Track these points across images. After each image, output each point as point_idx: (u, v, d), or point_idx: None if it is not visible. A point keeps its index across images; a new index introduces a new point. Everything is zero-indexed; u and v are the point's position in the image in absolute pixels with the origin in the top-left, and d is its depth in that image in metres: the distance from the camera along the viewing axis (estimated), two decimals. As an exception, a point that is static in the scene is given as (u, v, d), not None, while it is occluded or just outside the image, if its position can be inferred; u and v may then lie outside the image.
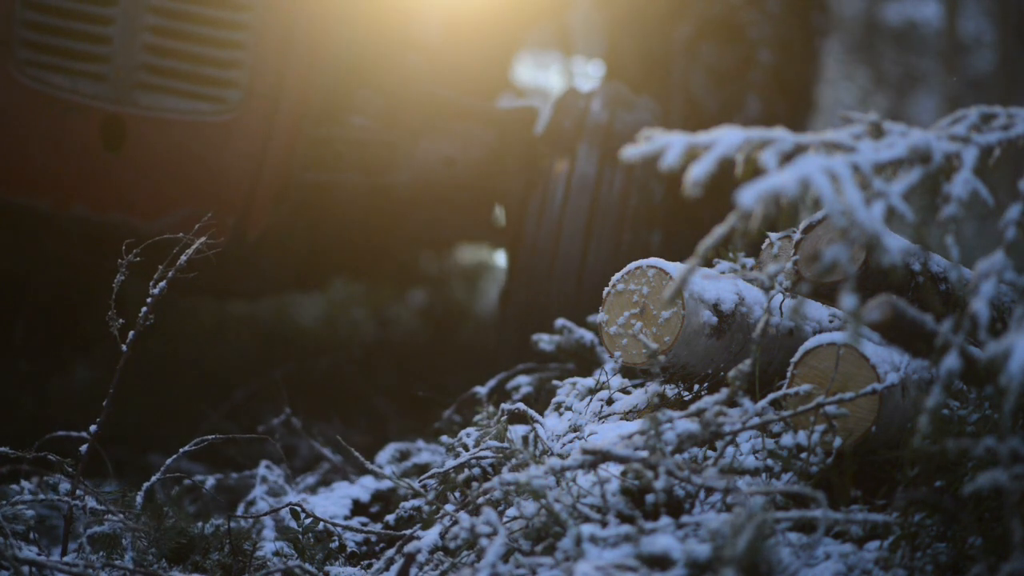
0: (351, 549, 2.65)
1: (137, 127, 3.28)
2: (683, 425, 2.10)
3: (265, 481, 2.93)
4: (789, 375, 2.23)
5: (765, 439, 2.19)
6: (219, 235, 2.59)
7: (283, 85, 3.32)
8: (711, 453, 2.23)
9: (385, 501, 2.93)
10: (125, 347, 2.46)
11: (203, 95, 3.30)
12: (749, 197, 1.63)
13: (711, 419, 2.11)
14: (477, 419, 2.71)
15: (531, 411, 2.56)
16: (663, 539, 1.94)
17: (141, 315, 2.45)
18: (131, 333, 2.45)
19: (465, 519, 2.07)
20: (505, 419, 2.58)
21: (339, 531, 2.64)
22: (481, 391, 3.14)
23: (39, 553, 2.45)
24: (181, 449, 2.57)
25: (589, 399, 2.65)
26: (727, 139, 1.74)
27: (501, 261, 3.97)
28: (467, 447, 2.66)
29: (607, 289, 2.40)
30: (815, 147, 1.81)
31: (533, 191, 3.52)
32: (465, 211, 3.85)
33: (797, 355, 2.22)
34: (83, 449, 2.45)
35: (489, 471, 2.58)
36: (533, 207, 3.49)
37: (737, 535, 1.85)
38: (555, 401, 2.76)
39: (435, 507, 2.51)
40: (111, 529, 2.44)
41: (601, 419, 2.53)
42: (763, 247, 2.65)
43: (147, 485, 2.56)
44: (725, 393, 2.17)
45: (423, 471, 2.93)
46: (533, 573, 2.01)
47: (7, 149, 3.29)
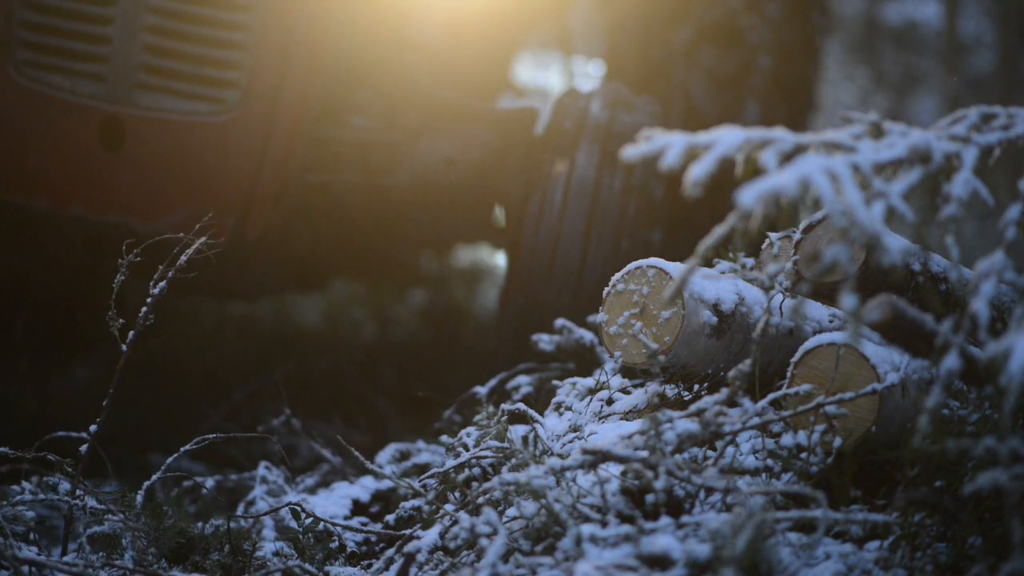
0: (351, 549, 2.65)
1: (136, 127, 3.27)
2: (683, 425, 2.10)
3: (265, 481, 2.93)
4: (789, 375, 2.23)
5: (765, 439, 2.19)
6: (218, 236, 2.59)
7: (282, 86, 3.32)
8: (711, 453, 2.22)
9: (385, 501, 2.93)
10: (125, 347, 2.46)
11: (202, 96, 3.30)
12: (749, 197, 1.63)
13: (711, 419, 2.11)
14: (477, 419, 2.71)
15: (531, 411, 2.56)
16: (663, 539, 1.94)
17: (141, 315, 2.45)
18: (131, 333, 2.45)
19: (465, 519, 2.07)
20: (505, 419, 2.58)
21: (339, 531, 2.64)
22: (481, 391, 3.14)
23: (39, 553, 2.44)
24: (181, 448, 2.57)
25: (589, 399, 2.65)
26: (727, 139, 1.74)
27: (501, 262, 3.97)
28: (467, 447, 2.66)
29: (607, 289, 2.39)
30: (815, 147, 1.81)
31: (533, 192, 3.51)
32: (465, 212, 3.84)
33: (797, 355, 2.22)
34: (83, 449, 2.45)
35: (489, 471, 2.58)
36: (533, 208, 3.48)
37: (737, 535, 1.85)
38: (555, 401, 2.76)
39: (435, 507, 2.50)
40: (111, 529, 2.44)
41: (601, 419, 2.53)
42: (763, 247, 2.65)
43: (147, 485, 2.56)
44: (725, 393, 2.16)
45: (423, 471, 2.93)
46: (533, 573, 2.01)
47: (6, 149, 3.29)
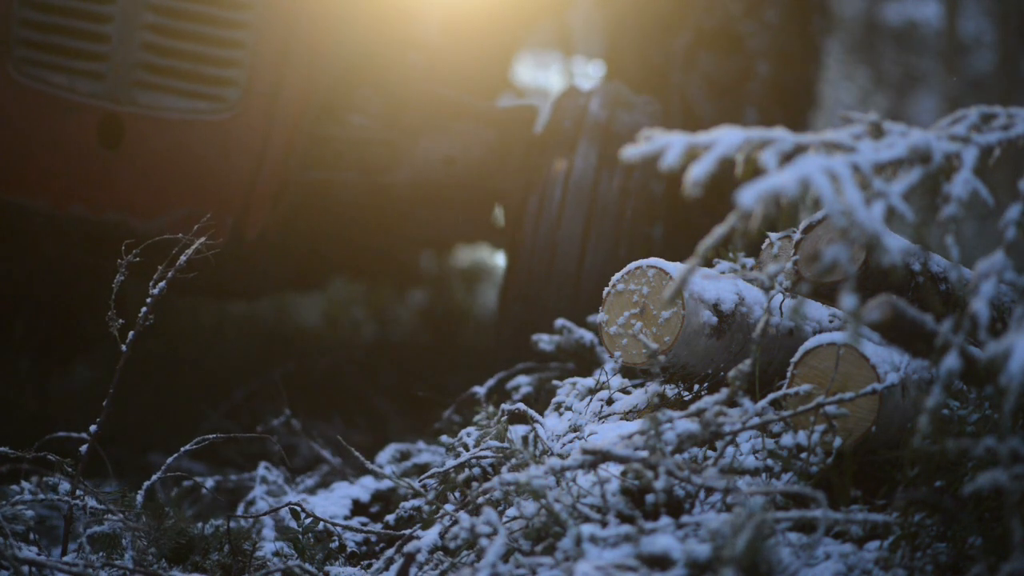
0: (351, 549, 2.65)
1: (135, 126, 3.26)
2: (683, 425, 2.10)
3: (265, 481, 2.93)
4: (789, 375, 2.22)
5: (765, 439, 2.19)
6: (218, 235, 2.59)
7: (282, 84, 3.31)
8: (711, 453, 2.22)
9: (385, 501, 2.93)
10: (125, 347, 2.46)
11: (202, 94, 3.29)
12: (749, 197, 1.63)
13: (711, 419, 2.11)
14: (477, 419, 2.71)
15: (531, 411, 2.56)
16: (663, 539, 1.94)
17: (141, 315, 2.45)
18: (131, 333, 2.45)
19: (465, 519, 2.06)
20: (505, 419, 2.58)
21: (339, 531, 2.64)
22: (480, 391, 3.14)
23: (39, 553, 2.44)
24: (182, 448, 2.57)
25: (589, 399, 2.65)
26: (727, 139, 1.74)
27: (501, 261, 3.97)
28: (467, 447, 2.66)
29: (607, 289, 2.39)
30: (815, 147, 1.81)
31: (532, 191, 3.50)
32: (465, 211, 3.84)
33: (797, 355, 2.22)
34: (83, 449, 2.45)
35: (489, 471, 2.58)
36: (531, 207, 3.47)
37: (737, 535, 1.85)
38: (555, 401, 2.76)
39: (435, 507, 2.50)
40: (111, 529, 2.44)
41: (601, 419, 2.53)
42: (763, 247, 2.65)
43: (147, 484, 2.55)
44: (725, 393, 2.16)
45: (423, 471, 2.93)
46: (533, 573, 2.01)
47: (4, 148, 3.28)
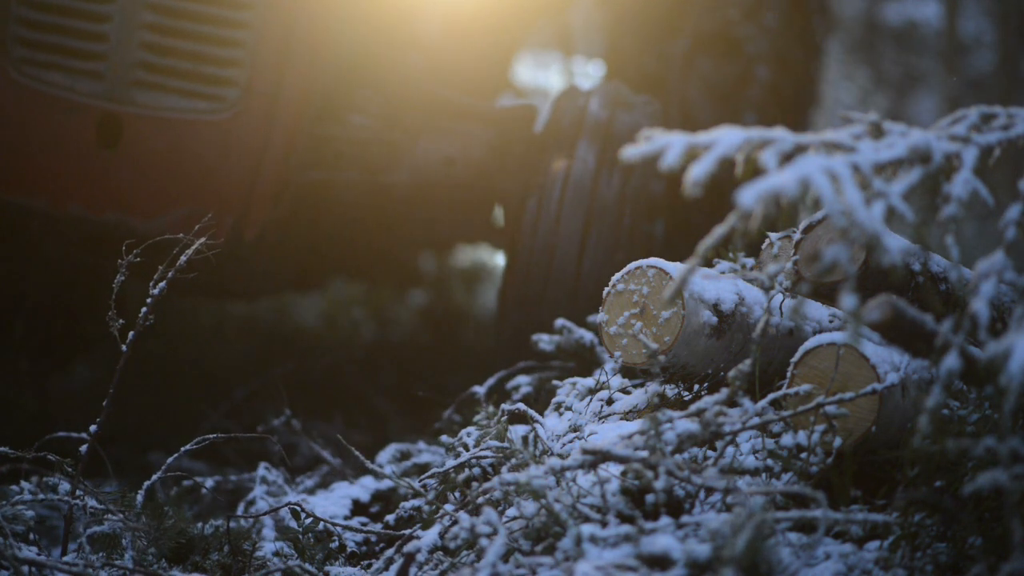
0: (351, 549, 2.65)
1: (134, 126, 3.26)
2: (683, 425, 2.10)
3: (265, 482, 2.93)
4: (789, 375, 2.22)
5: (765, 439, 2.19)
6: (217, 235, 2.58)
7: (282, 84, 3.31)
8: (711, 453, 2.22)
9: (385, 501, 2.93)
10: (125, 347, 2.46)
11: (201, 93, 3.28)
12: (749, 197, 1.63)
13: (711, 419, 2.11)
14: (477, 419, 2.71)
15: (531, 411, 2.56)
16: (663, 539, 1.94)
17: (141, 315, 2.45)
18: (131, 333, 2.45)
19: (465, 519, 2.06)
20: (505, 419, 2.58)
21: (339, 531, 2.64)
22: (480, 390, 3.14)
23: (39, 553, 2.44)
24: (182, 448, 2.57)
25: (589, 399, 2.65)
26: (727, 139, 1.74)
27: (501, 261, 3.97)
28: (467, 447, 2.66)
29: (607, 289, 2.39)
30: (815, 147, 1.81)
31: (531, 191, 3.50)
32: (465, 211, 3.83)
33: (797, 355, 2.22)
34: (83, 449, 2.44)
35: (489, 471, 2.58)
36: (530, 207, 3.46)
37: (737, 535, 1.85)
38: (555, 401, 2.76)
39: (435, 507, 2.50)
40: (111, 529, 2.44)
41: (601, 419, 2.53)
42: (763, 247, 2.65)
43: (147, 484, 2.55)
44: (725, 393, 2.16)
45: (423, 471, 2.93)
46: (533, 573, 2.01)
47: (3, 148, 3.28)
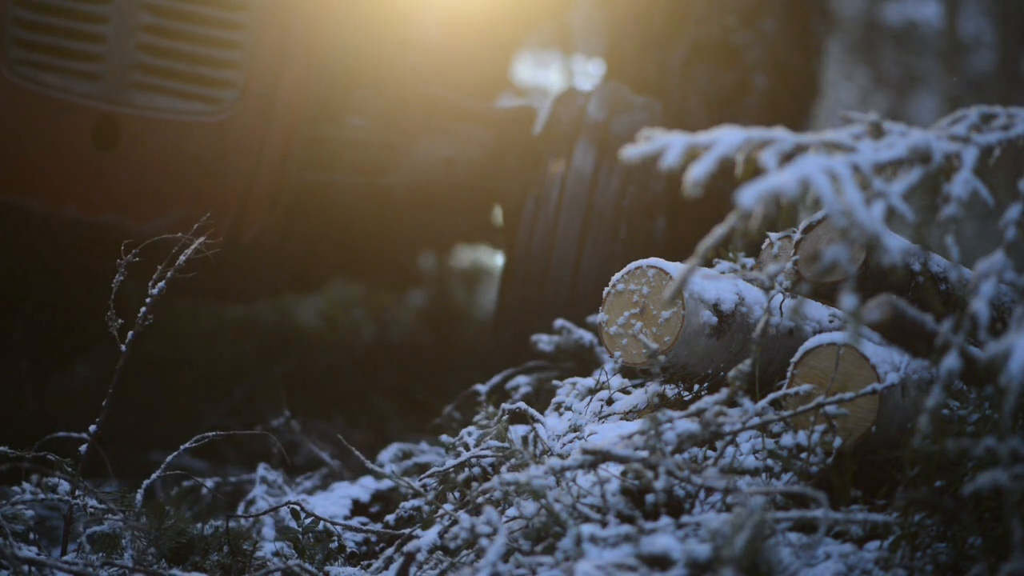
0: (351, 549, 2.64)
1: (130, 127, 3.25)
2: (683, 425, 2.10)
3: (265, 482, 2.93)
4: (789, 375, 2.22)
5: (765, 439, 2.19)
6: (214, 237, 2.57)
7: (279, 85, 3.30)
8: (711, 453, 2.22)
9: (385, 501, 2.93)
10: (124, 347, 2.46)
11: (198, 95, 3.27)
12: (749, 197, 1.63)
13: (711, 419, 2.11)
14: (477, 419, 2.71)
15: (531, 410, 2.56)
16: (663, 539, 1.94)
17: (140, 315, 2.45)
18: (130, 333, 2.45)
19: (465, 519, 2.06)
20: (506, 419, 2.58)
21: (339, 531, 2.64)
22: (482, 389, 3.14)
23: (39, 553, 2.44)
24: (180, 447, 2.57)
25: (589, 399, 2.65)
26: (727, 139, 1.74)
27: (500, 262, 3.98)
28: (468, 446, 2.66)
29: (607, 289, 2.39)
30: (815, 147, 1.81)
31: (529, 192, 3.49)
32: (464, 212, 3.83)
33: (797, 355, 2.22)
34: (83, 449, 2.44)
35: (489, 471, 2.58)
36: (528, 208, 3.45)
37: (737, 535, 1.85)
38: (555, 401, 2.76)
39: (435, 507, 2.50)
40: (111, 529, 2.44)
41: (601, 419, 2.53)
42: (763, 247, 2.65)
43: (146, 484, 2.55)
44: (725, 393, 2.16)
45: (424, 471, 2.93)
46: (533, 573, 2.01)
47: None
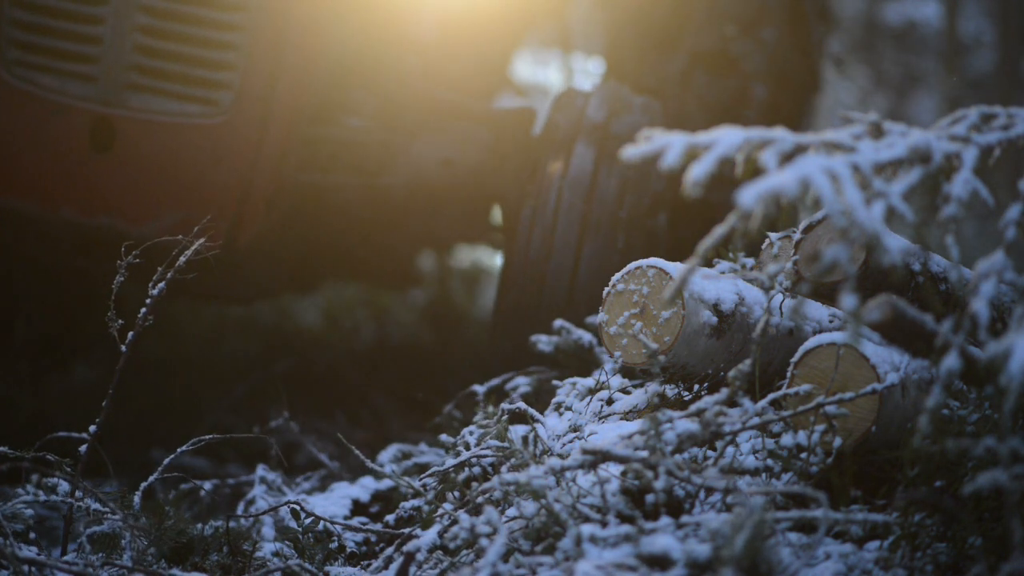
0: (351, 549, 2.64)
1: (127, 129, 3.23)
2: (683, 425, 2.10)
3: (264, 482, 2.93)
4: (789, 375, 2.22)
5: (765, 439, 2.19)
6: (210, 240, 2.56)
7: (276, 87, 3.28)
8: (711, 453, 2.22)
9: (385, 501, 2.93)
10: (124, 347, 2.45)
11: (194, 97, 3.26)
12: (749, 197, 1.63)
13: (711, 419, 2.11)
14: (477, 418, 2.70)
15: (531, 410, 2.56)
16: (663, 539, 1.94)
17: (140, 316, 2.45)
18: (130, 334, 2.45)
19: (465, 518, 2.06)
20: (506, 418, 2.58)
21: (338, 530, 2.64)
22: (479, 389, 3.13)
23: (39, 553, 2.44)
24: (179, 450, 2.57)
25: (589, 399, 2.65)
26: (727, 139, 1.74)
27: (500, 262, 3.97)
28: (468, 446, 2.66)
29: (607, 289, 2.39)
30: (815, 147, 1.81)
31: (527, 193, 3.48)
32: (463, 212, 3.82)
33: (797, 355, 2.22)
34: (83, 449, 2.44)
35: (489, 470, 2.58)
36: (526, 209, 3.44)
37: (737, 535, 1.85)
38: (555, 401, 2.76)
39: (434, 506, 2.50)
40: (110, 529, 2.44)
41: (601, 419, 2.53)
42: (763, 247, 2.65)
43: (144, 485, 2.55)
44: (725, 393, 2.16)
45: (423, 471, 2.93)
46: (533, 573, 2.01)
47: None
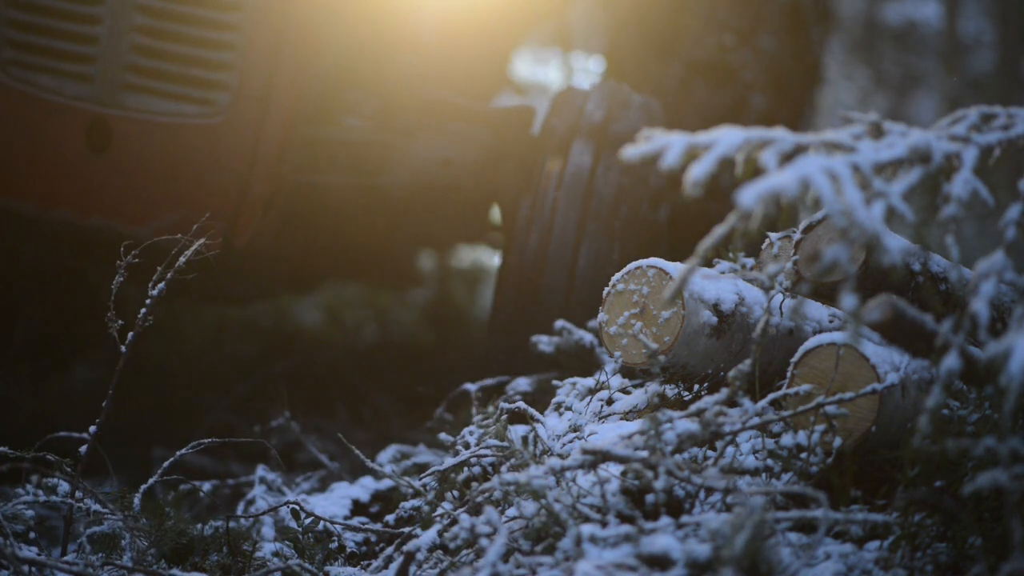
0: (351, 549, 2.64)
1: (123, 129, 3.22)
2: (683, 425, 2.10)
3: (264, 482, 2.93)
4: (789, 375, 2.22)
5: (765, 439, 2.19)
6: (208, 240, 2.56)
7: (273, 87, 3.26)
8: (711, 453, 2.22)
9: (385, 501, 2.93)
10: (124, 348, 2.45)
11: (191, 97, 3.25)
12: (749, 197, 1.63)
13: (711, 419, 2.11)
14: (477, 419, 2.70)
15: (531, 410, 2.56)
16: (663, 539, 1.94)
17: (140, 316, 2.45)
18: (130, 334, 2.44)
19: (465, 518, 2.06)
20: (505, 418, 2.58)
21: (338, 530, 2.64)
22: (471, 388, 3.11)
23: (39, 553, 2.44)
24: (178, 453, 2.57)
25: (589, 399, 2.65)
26: (727, 139, 1.74)
27: (499, 262, 3.97)
28: (468, 445, 2.66)
29: (607, 289, 2.39)
30: (815, 147, 1.81)
31: (525, 192, 3.47)
32: (462, 212, 3.82)
33: (797, 355, 2.22)
34: (83, 450, 2.44)
35: (489, 470, 2.58)
36: (524, 209, 3.43)
37: (737, 535, 1.85)
38: (555, 401, 2.76)
39: (434, 506, 2.50)
40: (111, 529, 2.44)
41: (601, 419, 2.53)
42: (763, 247, 2.65)
43: (144, 487, 2.55)
44: (725, 393, 2.16)
45: (423, 471, 2.93)
46: (533, 573, 2.01)
47: None
